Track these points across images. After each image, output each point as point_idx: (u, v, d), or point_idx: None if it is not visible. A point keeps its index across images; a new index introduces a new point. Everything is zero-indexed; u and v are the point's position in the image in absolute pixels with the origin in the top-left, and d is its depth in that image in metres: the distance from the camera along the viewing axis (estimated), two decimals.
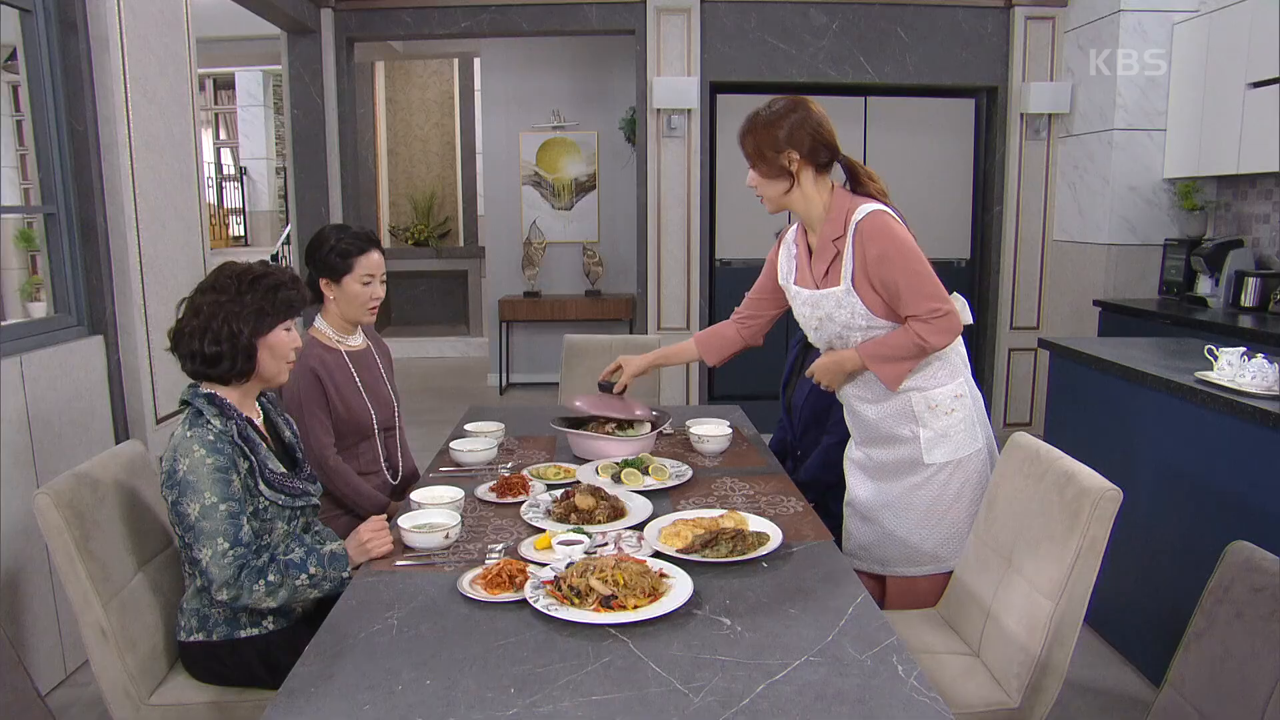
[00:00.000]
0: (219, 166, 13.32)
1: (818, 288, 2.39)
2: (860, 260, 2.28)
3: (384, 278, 2.78)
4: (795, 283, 2.49)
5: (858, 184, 2.40)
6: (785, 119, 2.29)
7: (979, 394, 2.48)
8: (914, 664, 1.53)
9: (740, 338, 2.76)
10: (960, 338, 2.40)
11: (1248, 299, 4.65)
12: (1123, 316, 5.02)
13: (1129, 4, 5.26)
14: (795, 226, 2.52)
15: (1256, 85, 4.53)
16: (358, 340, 2.84)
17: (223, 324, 1.99)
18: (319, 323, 2.78)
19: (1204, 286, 5.01)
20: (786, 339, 3.13)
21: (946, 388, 2.39)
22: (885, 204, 2.33)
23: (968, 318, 2.42)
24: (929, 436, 2.38)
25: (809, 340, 2.53)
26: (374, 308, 2.77)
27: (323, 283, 2.72)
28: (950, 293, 2.33)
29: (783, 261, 2.55)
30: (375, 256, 2.73)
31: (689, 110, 5.93)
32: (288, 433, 2.25)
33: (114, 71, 3.30)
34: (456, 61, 10.82)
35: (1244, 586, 1.45)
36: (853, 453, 2.57)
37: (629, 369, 2.86)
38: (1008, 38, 5.99)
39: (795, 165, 2.31)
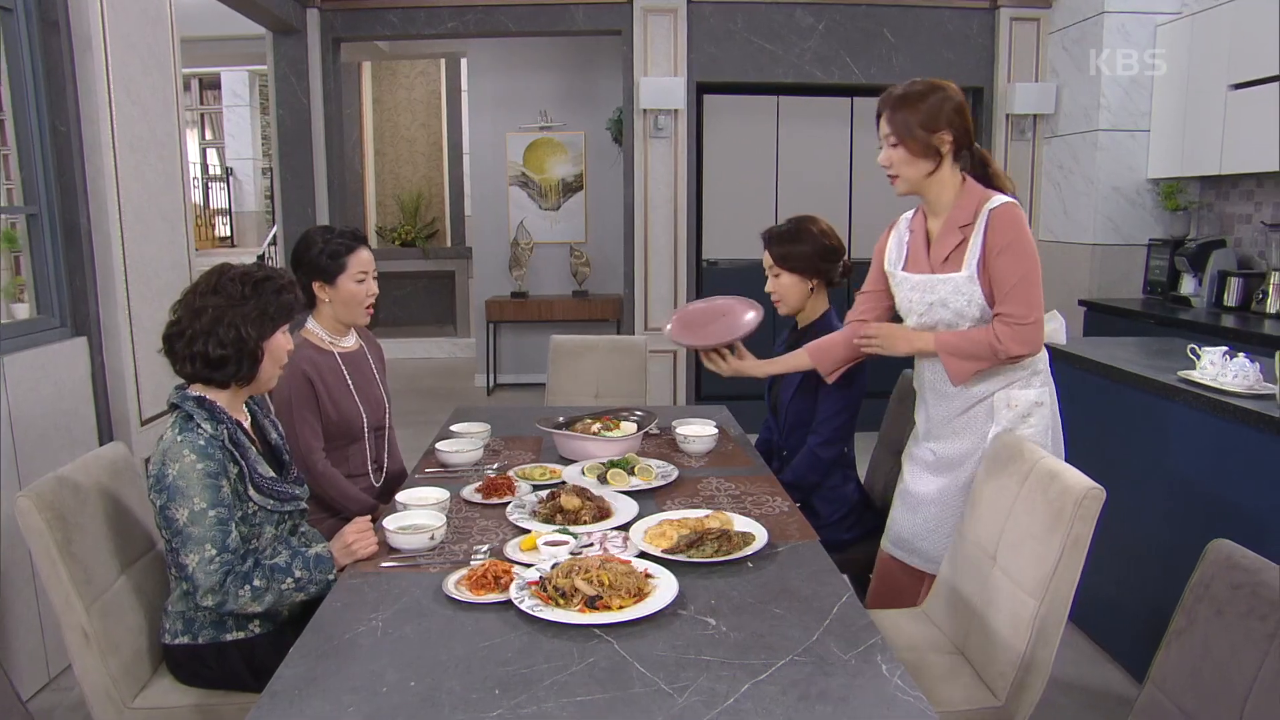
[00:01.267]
0: (205, 167, 13.28)
1: (933, 272, 2.34)
2: (985, 248, 2.25)
3: (376, 274, 2.77)
4: (904, 269, 2.42)
5: (988, 176, 2.37)
6: (936, 97, 2.26)
7: (1058, 414, 2.44)
8: (898, 663, 1.53)
9: (849, 341, 2.60)
10: (1046, 352, 2.39)
11: (1230, 298, 4.69)
12: (1107, 316, 5.05)
13: (1112, 6, 5.29)
14: (913, 212, 2.46)
15: (1238, 87, 4.56)
16: (350, 341, 2.83)
17: (229, 327, 1.99)
18: (311, 324, 2.77)
19: (1188, 286, 5.04)
20: (774, 339, 3.13)
21: (1028, 391, 2.34)
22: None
23: (1061, 339, 2.39)
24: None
25: (910, 325, 2.42)
26: (370, 306, 2.76)
27: (316, 285, 2.70)
28: (1049, 310, 2.31)
29: (892, 248, 2.48)
30: (365, 254, 2.72)
31: (676, 110, 5.94)
32: (274, 435, 2.24)
33: (96, 71, 3.28)
34: (443, 62, 10.80)
35: (1223, 584, 1.46)
36: (914, 449, 2.52)
37: (741, 364, 2.79)
38: (993, 39, 6.02)
39: (946, 147, 2.27)
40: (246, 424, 2.13)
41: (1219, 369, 2.72)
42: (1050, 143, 5.97)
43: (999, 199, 2.27)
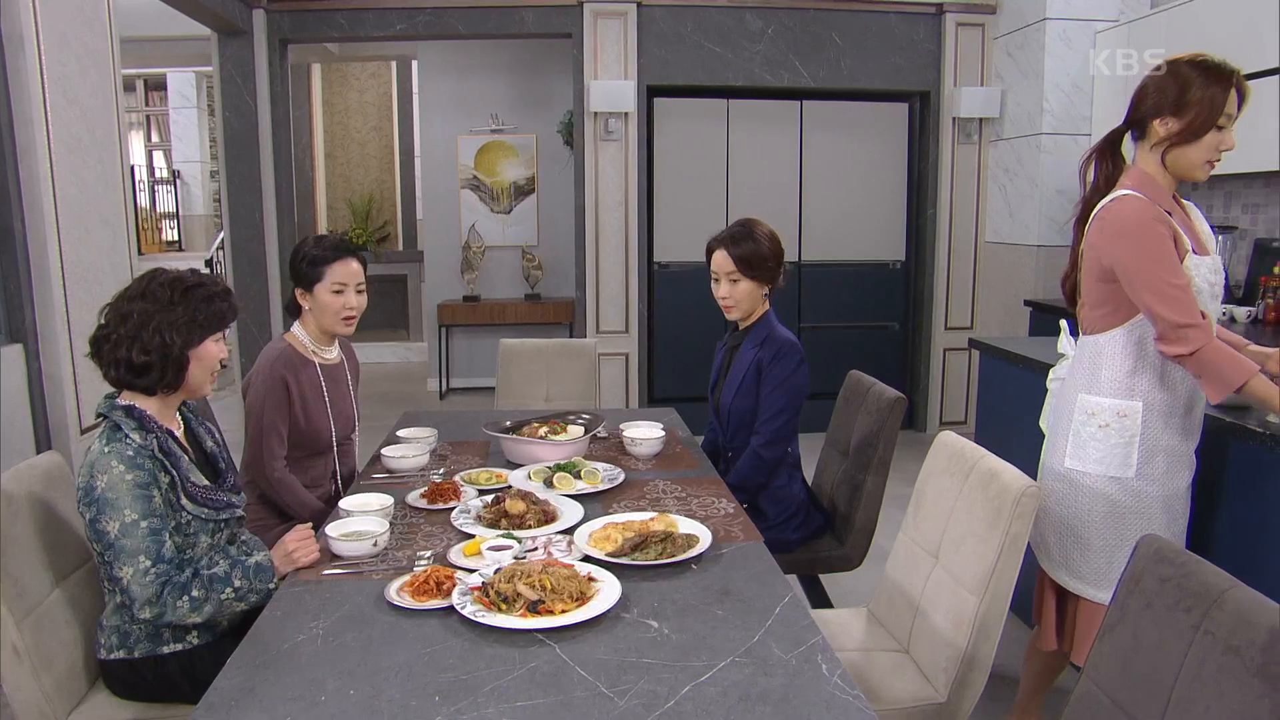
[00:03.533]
0: (151, 170, 13.01)
1: (1209, 253, 2.29)
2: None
3: (361, 286, 2.73)
4: (1195, 251, 2.26)
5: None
6: None
7: None
8: (838, 663, 1.55)
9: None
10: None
11: None
12: (1053, 316, 5.13)
13: (1054, 12, 5.40)
14: (1147, 203, 2.27)
15: None
16: (333, 354, 2.81)
17: (154, 333, 1.95)
18: (296, 329, 2.75)
19: None
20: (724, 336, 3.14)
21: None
22: None
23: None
24: None
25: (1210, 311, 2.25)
26: (349, 318, 2.72)
27: (297, 292, 2.70)
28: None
29: (1184, 235, 2.26)
30: (352, 265, 2.70)
31: (626, 113, 5.94)
32: (209, 442, 2.20)
33: (30, 71, 3.20)
34: (394, 64, 10.70)
35: (1153, 578, 1.49)
36: (1185, 452, 2.32)
37: None
38: (939, 43, 6.10)
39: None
40: (179, 432, 2.09)
41: None
42: (995, 146, 6.07)
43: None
